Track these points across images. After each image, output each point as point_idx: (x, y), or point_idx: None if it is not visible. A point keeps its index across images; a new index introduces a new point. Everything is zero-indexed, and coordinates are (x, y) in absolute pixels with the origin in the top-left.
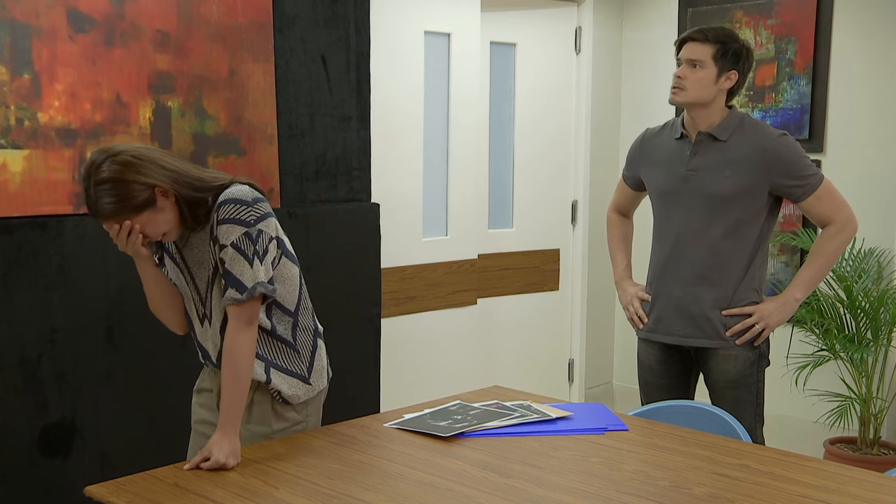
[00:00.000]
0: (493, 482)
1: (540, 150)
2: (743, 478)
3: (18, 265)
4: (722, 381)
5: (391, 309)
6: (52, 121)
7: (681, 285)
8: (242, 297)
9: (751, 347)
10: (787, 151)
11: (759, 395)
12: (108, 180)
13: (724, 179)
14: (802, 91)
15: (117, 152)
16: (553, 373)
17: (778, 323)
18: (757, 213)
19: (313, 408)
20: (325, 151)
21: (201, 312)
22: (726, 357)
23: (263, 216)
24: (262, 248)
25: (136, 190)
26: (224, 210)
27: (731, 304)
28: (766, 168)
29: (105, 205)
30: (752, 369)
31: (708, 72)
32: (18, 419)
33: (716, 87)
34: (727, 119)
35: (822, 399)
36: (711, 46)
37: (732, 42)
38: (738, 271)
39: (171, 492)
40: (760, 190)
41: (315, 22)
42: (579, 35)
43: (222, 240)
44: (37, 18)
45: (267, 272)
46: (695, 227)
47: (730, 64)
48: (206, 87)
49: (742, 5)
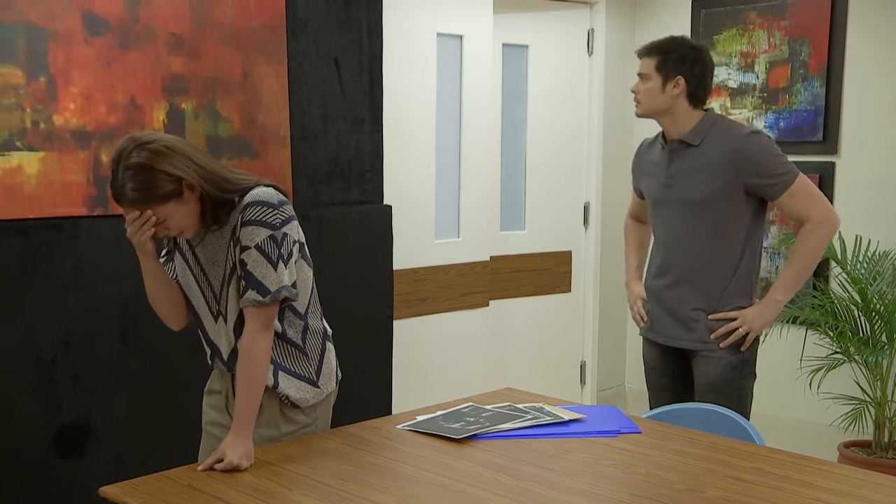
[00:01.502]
0: (506, 484)
1: (552, 151)
2: (757, 481)
3: (33, 267)
4: (702, 384)
5: (403, 311)
6: (68, 123)
7: (670, 288)
8: (265, 299)
9: (735, 351)
10: (756, 150)
11: (741, 403)
12: (136, 166)
13: (698, 184)
14: (816, 93)
15: (150, 140)
16: (565, 375)
17: (762, 326)
18: (739, 214)
19: (322, 411)
20: (337, 153)
21: (215, 310)
22: (708, 359)
23: (288, 219)
24: (286, 252)
25: (163, 180)
26: (250, 212)
27: (717, 307)
28: (736, 168)
29: (130, 191)
30: (732, 374)
31: (653, 82)
32: (34, 420)
33: (664, 94)
34: (699, 123)
35: (836, 402)
36: (653, 58)
37: (673, 50)
38: (723, 274)
39: (185, 492)
40: (736, 190)
41: (328, 24)
42: (592, 37)
43: (245, 241)
44: (52, 22)
45: (291, 276)
46: (679, 233)
47: (673, 71)
48: (220, 90)
49: (756, 6)
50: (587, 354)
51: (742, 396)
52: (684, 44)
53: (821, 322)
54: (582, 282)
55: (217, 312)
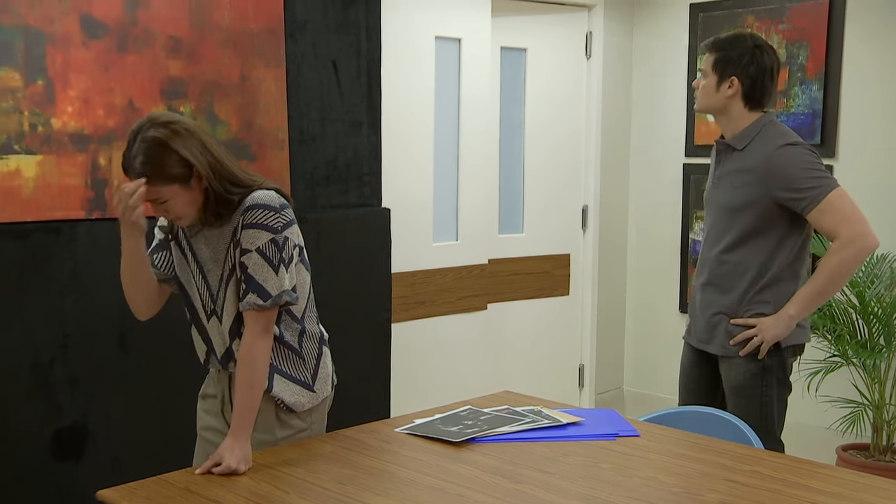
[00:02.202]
0: (504, 487)
1: (550, 155)
2: (755, 484)
3: (31, 270)
4: (728, 388)
5: (401, 314)
6: (66, 126)
7: (700, 290)
8: (266, 303)
9: (754, 359)
10: (783, 163)
11: (765, 412)
12: (152, 140)
13: (733, 190)
14: (814, 96)
15: (173, 120)
16: (563, 378)
17: (773, 338)
18: (770, 223)
19: (318, 415)
20: (335, 156)
21: (209, 308)
22: (730, 364)
23: (289, 223)
24: (287, 256)
25: (175, 161)
26: (252, 214)
27: (738, 313)
28: (766, 180)
29: (140, 163)
30: (753, 381)
31: (709, 80)
32: (31, 423)
33: (718, 94)
34: (748, 127)
35: (834, 405)
36: (711, 55)
37: (731, 49)
38: (747, 281)
39: (183, 496)
40: (766, 201)
41: (326, 28)
42: (590, 40)
43: (246, 244)
44: (51, 25)
45: (291, 279)
46: (713, 235)
47: (729, 71)
48: (218, 93)
49: (753, 10)
50: (585, 357)
51: (766, 405)
52: (745, 42)
53: (819, 325)
54: (580, 285)
55: (211, 311)
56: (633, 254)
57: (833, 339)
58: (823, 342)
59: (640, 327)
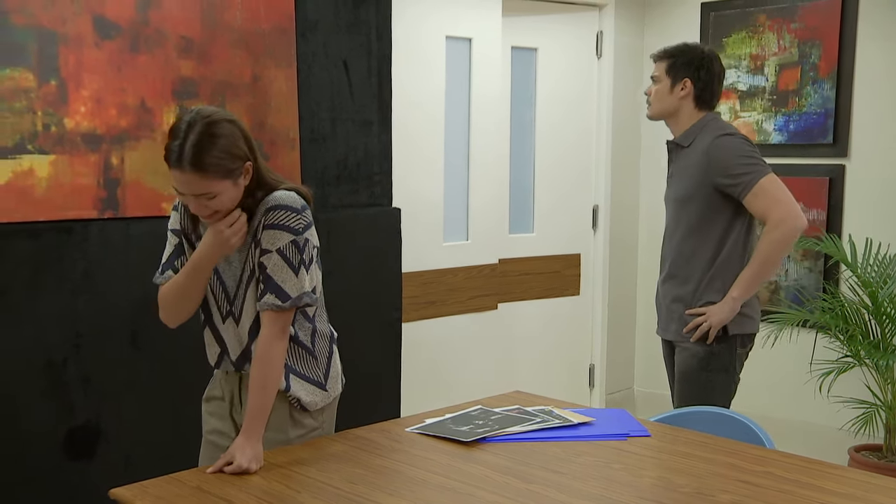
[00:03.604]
0: (515, 487)
1: (561, 154)
2: (767, 485)
3: (44, 269)
4: (676, 374)
5: (412, 313)
6: (78, 126)
7: (663, 283)
8: (285, 305)
9: (702, 345)
10: (719, 152)
11: (705, 395)
12: (211, 134)
13: (681, 182)
14: (826, 95)
15: (227, 116)
16: (574, 378)
17: (720, 322)
18: (716, 213)
19: (328, 414)
20: (346, 156)
21: (225, 310)
22: (680, 350)
23: (309, 224)
24: (308, 257)
25: (231, 156)
26: (273, 215)
27: (692, 302)
28: (706, 169)
29: (198, 157)
30: (698, 365)
31: (663, 84)
32: (44, 422)
33: (672, 96)
34: (694, 125)
35: (846, 406)
36: (664, 62)
37: (683, 55)
38: (700, 270)
39: (195, 495)
40: (709, 190)
41: (337, 27)
42: (601, 40)
43: (266, 244)
44: (63, 25)
45: (311, 281)
46: (669, 230)
47: (682, 74)
48: (229, 93)
49: (765, 9)
50: (596, 357)
51: (707, 390)
52: (695, 50)
53: (831, 325)
54: (591, 285)
55: (227, 313)
56: (644, 253)
57: (845, 340)
58: (836, 342)
59: (650, 327)
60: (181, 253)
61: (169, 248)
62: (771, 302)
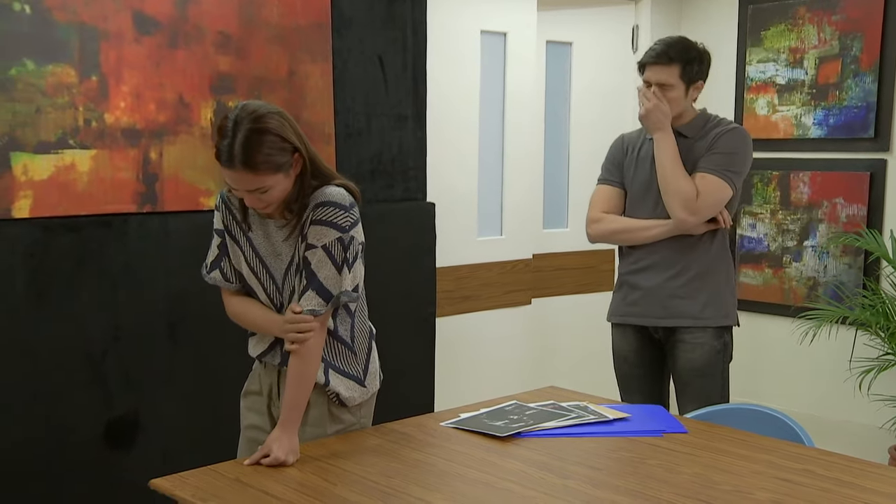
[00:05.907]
0: (551, 483)
1: (595, 149)
2: (807, 483)
3: (85, 263)
4: (686, 370)
5: (446, 308)
6: (118, 121)
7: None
8: (322, 310)
9: (718, 337)
10: (724, 139)
11: (726, 389)
12: (259, 130)
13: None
14: (868, 89)
15: (273, 109)
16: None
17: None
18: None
19: (366, 410)
20: (381, 151)
21: (278, 302)
22: (692, 346)
23: (356, 222)
24: (352, 256)
25: (281, 149)
26: (321, 211)
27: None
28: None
29: (249, 154)
30: (717, 359)
31: (677, 91)
32: (84, 414)
33: (687, 99)
34: (696, 118)
35: (887, 404)
36: (675, 67)
37: (689, 54)
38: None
39: (233, 486)
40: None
41: (372, 23)
42: (636, 34)
43: (312, 240)
44: (104, 21)
45: (353, 280)
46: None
47: (696, 77)
48: (266, 88)
49: (805, 1)
50: None
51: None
52: (695, 47)
53: (871, 323)
54: None
55: (280, 304)
56: None
57: (886, 337)
58: (876, 340)
59: None
60: (226, 253)
61: (214, 247)
62: (809, 299)
